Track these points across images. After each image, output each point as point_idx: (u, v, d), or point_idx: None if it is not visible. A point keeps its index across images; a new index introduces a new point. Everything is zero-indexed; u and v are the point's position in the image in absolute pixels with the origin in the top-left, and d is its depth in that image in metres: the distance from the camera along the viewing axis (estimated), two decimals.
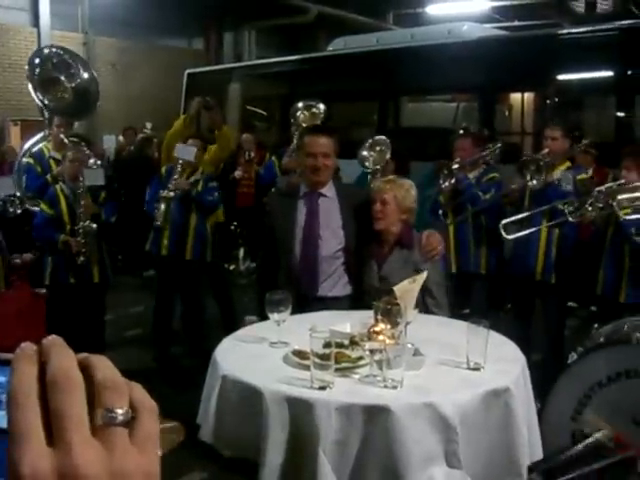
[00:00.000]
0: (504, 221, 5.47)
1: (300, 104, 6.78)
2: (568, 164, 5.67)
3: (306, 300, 3.86)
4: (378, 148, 6.48)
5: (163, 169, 6.50)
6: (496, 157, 6.54)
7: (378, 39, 11.41)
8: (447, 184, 5.93)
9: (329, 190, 4.15)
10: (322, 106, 6.77)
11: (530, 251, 5.57)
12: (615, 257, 5.14)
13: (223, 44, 18.91)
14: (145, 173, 8.38)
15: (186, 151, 6.20)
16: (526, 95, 10.35)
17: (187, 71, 13.88)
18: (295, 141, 6.55)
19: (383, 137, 6.63)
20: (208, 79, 13.96)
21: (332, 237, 4.05)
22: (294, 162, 6.59)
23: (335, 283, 4.05)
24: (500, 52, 9.24)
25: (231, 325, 6.42)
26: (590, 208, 4.93)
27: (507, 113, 10.87)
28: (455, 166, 5.96)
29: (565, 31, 9.61)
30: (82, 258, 5.76)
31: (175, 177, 6.17)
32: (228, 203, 8.06)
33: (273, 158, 8.55)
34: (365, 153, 6.52)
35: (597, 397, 3.63)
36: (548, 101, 9.78)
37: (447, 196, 6.09)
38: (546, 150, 5.55)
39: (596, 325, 4.08)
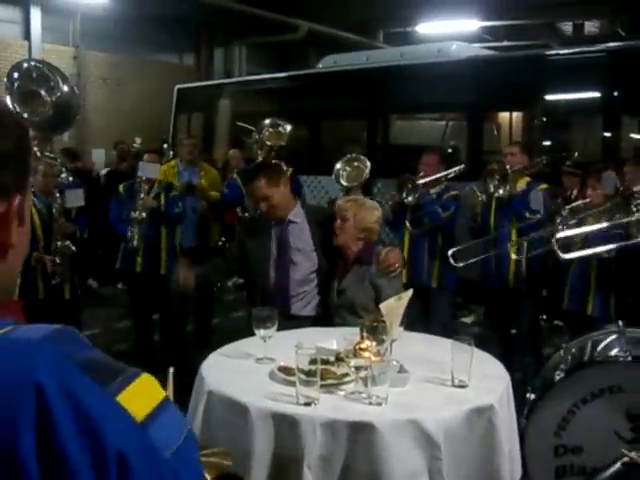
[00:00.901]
0: (453, 249, 5.60)
1: (267, 121, 6.79)
2: (527, 179, 5.89)
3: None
4: (355, 164, 6.53)
5: (121, 187, 6.54)
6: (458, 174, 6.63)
7: (368, 57, 11.46)
8: (410, 198, 6.02)
9: (297, 215, 4.24)
10: (288, 127, 6.79)
11: (502, 262, 5.73)
12: (582, 271, 5.30)
13: (214, 60, 18.96)
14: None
15: (150, 169, 6.26)
16: (514, 114, 10.43)
17: (177, 86, 13.91)
18: (260, 159, 6.53)
19: (362, 156, 6.72)
20: (198, 94, 14.01)
21: (305, 260, 4.16)
22: None
23: (307, 303, 4.16)
24: (489, 72, 9.30)
25: (205, 340, 6.47)
26: (560, 227, 5.00)
27: (495, 132, 10.94)
28: (420, 181, 6.08)
29: (553, 52, 9.70)
30: (57, 279, 5.65)
31: (141, 197, 6.22)
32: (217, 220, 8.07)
33: (235, 176, 8.34)
34: (339, 167, 6.58)
35: (581, 413, 3.67)
36: (536, 121, 9.86)
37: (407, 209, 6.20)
38: (507, 165, 5.80)
39: (564, 345, 4.13)
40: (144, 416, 0.87)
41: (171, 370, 1.97)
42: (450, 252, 5.53)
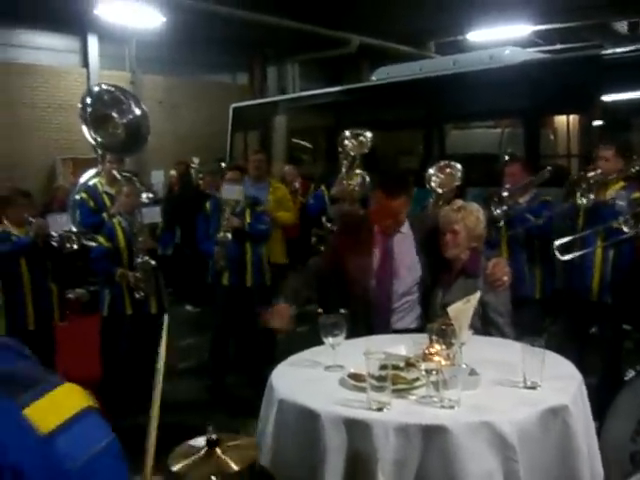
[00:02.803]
0: (557, 242, 5.39)
1: (347, 133, 6.85)
2: (622, 184, 5.54)
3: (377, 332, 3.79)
4: (448, 171, 6.46)
5: (207, 205, 6.65)
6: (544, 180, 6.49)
7: (421, 67, 11.46)
8: (499, 211, 5.89)
9: (404, 226, 4.06)
10: (369, 134, 6.82)
11: (586, 272, 5.48)
12: None
13: (267, 78, 19.14)
14: (196, 205, 8.57)
15: (232, 191, 6.35)
16: (571, 118, 10.28)
17: (232, 105, 14.08)
18: (344, 169, 6.61)
19: (456, 163, 6.60)
20: (253, 113, 14.16)
21: (408, 274, 3.97)
22: (344, 191, 6.66)
23: (405, 315, 3.98)
24: (544, 75, 9.21)
25: (270, 355, 6.53)
26: None
27: (552, 137, 10.80)
28: (505, 193, 5.93)
29: (609, 52, 9.55)
30: (141, 293, 5.88)
31: (226, 217, 6.33)
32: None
33: (322, 187, 8.60)
34: (432, 172, 6.50)
35: None
36: (594, 123, 9.70)
37: (500, 226, 6.02)
38: (598, 170, 5.46)
39: None
40: (52, 428, 0.86)
41: (166, 317, 2.02)
42: (556, 244, 5.33)
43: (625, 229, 5.00)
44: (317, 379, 2.97)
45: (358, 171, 6.94)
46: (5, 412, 0.85)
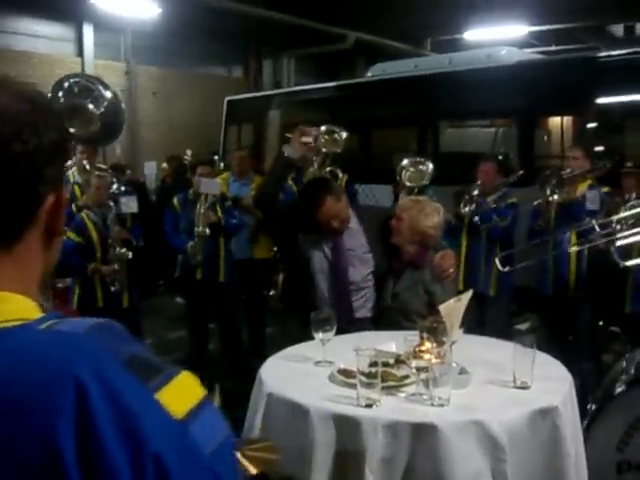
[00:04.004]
0: (500, 254, 5.52)
1: (323, 128, 6.78)
2: (589, 182, 5.77)
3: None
4: (420, 167, 6.47)
5: (175, 201, 6.62)
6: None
7: (417, 64, 11.44)
8: (467, 209, 6.01)
9: (351, 220, 4.19)
10: (344, 133, 6.77)
11: (562, 268, 5.65)
12: None
13: (262, 72, 19.11)
14: None
15: (211, 185, 6.32)
16: (565, 119, 10.29)
17: (227, 98, 14.03)
18: (315, 165, 6.51)
19: (428, 161, 6.64)
20: (248, 106, 14.11)
21: (360, 264, 4.11)
22: None
23: (364, 303, 4.11)
24: (540, 76, 9.21)
25: (259, 349, 6.51)
26: (618, 227, 4.87)
27: (546, 137, 10.81)
28: (475, 192, 6.05)
29: (604, 54, 9.56)
30: (117, 285, 5.79)
31: (201, 211, 6.30)
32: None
33: (290, 182, 8.50)
34: (405, 164, 6.51)
35: None
36: (588, 124, 9.72)
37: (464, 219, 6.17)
38: (568, 170, 5.70)
39: (627, 354, 3.98)
40: (184, 414, 0.86)
41: (217, 387, 2.00)
42: (498, 257, 5.46)
43: (596, 227, 5.10)
44: (306, 374, 2.96)
45: (329, 168, 6.88)
46: (141, 394, 0.85)
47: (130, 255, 5.84)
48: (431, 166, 6.55)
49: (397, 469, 2.43)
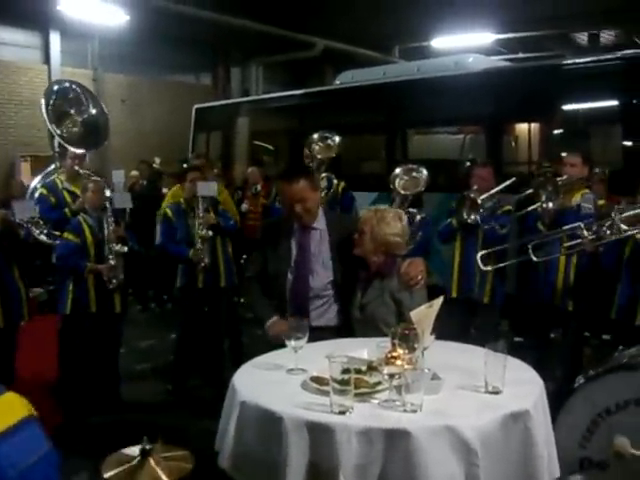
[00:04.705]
0: (481, 252, 5.49)
1: (315, 135, 6.80)
2: (585, 191, 5.64)
3: None
4: (414, 175, 6.46)
5: (169, 211, 6.61)
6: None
7: (385, 72, 11.49)
8: (472, 218, 5.94)
9: (320, 222, 4.16)
10: (337, 138, 6.79)
11: (549, 277, 5.56)
12: (632, 279, 5.07)
13: (231, 79, 19.09)
14: (156, 207, 8.55)
15: (208, 188, 6.31)
16: (532, 125, 10.40)
17: (195, 106, 14.01)
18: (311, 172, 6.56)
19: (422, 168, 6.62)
20: (216, 114, 14.10)
21: (322, 270, 4.06)
22: None
23: (324, 312, 4.05)
24: (507, 83, 9.30)
25: (238, 357, 6.48)
26: (609, 232, 4.86)
27: (514, 143, 10.91)
28: (480, 198, 5.97)
29: (570, 61, 9.68)
30: (114, 282, 5.81)
31: (201, 215, 6.31)
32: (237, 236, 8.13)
33: None
34: (398, 172, 6.49)
35: (605, 425, 3.55)
36: (554, 131, 9.82)
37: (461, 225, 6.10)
38: (564, 176, 5.58)
39: (620, 347, 4.00)
40: None
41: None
42: (479, 255, 5.41)
43: (585, 233, 5.06)
44: (279, 382, 2.95)
45: (324, 174, 6.93)
46: None
47: (126, 249, 5.88)
48: (425, 172, 6.54)
49: (371, 475, 2.43)
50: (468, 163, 10.00)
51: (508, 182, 6.28)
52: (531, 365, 3.14)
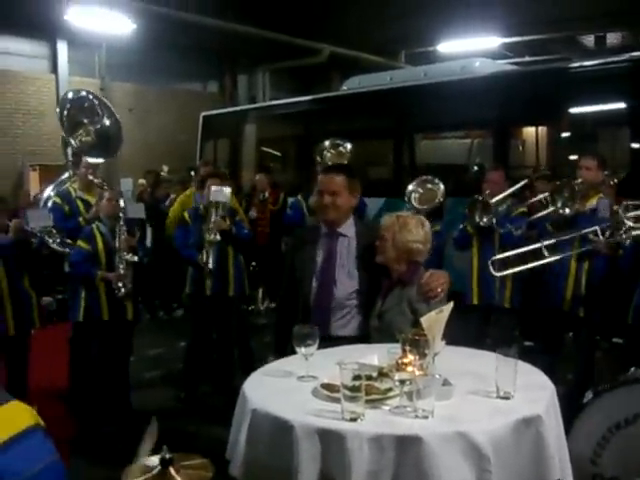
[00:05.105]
0: (494, 257, 5.45)
1: (327, 143, 6.78)
2: (600, 195, 5.59)
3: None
4: (429, 187, 6.43)
5: (186, 214, 6.63)
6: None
7: (392, 77, 11.52)
8: (485, 220, 5.92)
9: (349, 229, 4.11)
10: (349, 145, 6.77)
11: (559, 283, 5.52)
12: None
13: (237, 86, 19.13)
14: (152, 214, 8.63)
15: (221, 193, 6.32)
16: (540, 129, 10.40)
17: (203, 114, 14.05)
18: None
19: (436, 178, 6.60)
20: (223, 121, 14.14)
21: (347, 279, 4.00)
22: None
23: (347, 323, 4.00)
24: (514, 87, 9.31)
25: (249, 365, 6.47)
26: (624, 235, 4.81)
27: (521, 147, 10.91)
28: (492, 201, 5.96)
29: (577, 64, 9.68)
30: (123, 290, 5.80)
31: (213, 220, 6.28)
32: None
33: (299, 197, 8.65)
34: (412, 188, 6.46)
35: (616, 440, 3.52)
36: (561, 134, 9.82)
37: (476, 230, 6.08)
38: (579, 180, 5.49)
39: (633, 368, 3.92)
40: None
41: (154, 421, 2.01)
42: (491, 261, 5.37)
43: (600, 237, 5.01)
44: (290, 389, 2.95)
45: None
46: None
47: (136, 259, 5.90)
48: (442, 185, 6.50)
49: None
50: (476, 167, 10.00)
51: (521, 184, 6.27)
52: (542, 369, 3.13)
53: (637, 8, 13.61)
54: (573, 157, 9.50)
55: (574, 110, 9.42)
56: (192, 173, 11.65)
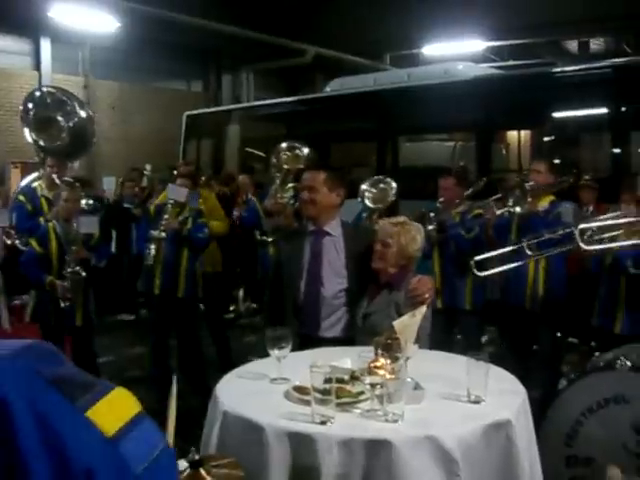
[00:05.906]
0: (477, 257, 5.50)
1: (284, 145, 6.75)
2: (552, 198, 5.76)
3: (308, 340, 3.81)
4: (382, 186, 6.48)
5: (152, 208, 6.57)
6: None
7: (375, 79, 11.54)
8: (431, 227, 6.00)
9: (335, 229, 4.12)
10: (306, 150, 6.74)
11: (520, 281, 5.64)
12: (611, 288, 5.18)
13: (222, 86, 19.10)
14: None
15: (177, 192, 6.25)
16: (522, 133, 10.44)
17: (186, 113, 14.01)
18: (277, 182, 6.40)
19: (388, 178, 6.67)
20: (207, 121, 14.11)
21: (334, 277, 4.01)
22: (276, 205, 6.22)
23: (335, 323, 4.00)
24: (497, 91, 9.34)
25: (228, 365, 6.44)
26: (596, 237, 4.87)
27: (504, 151, 10.95)
28: (435, 211, 6.13)
29: (560, 69, 9.73)
30: (66, 303, 5.62)
31: (166, 217, 6.20)
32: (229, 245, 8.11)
33: (254, 199, 8.66)
34: (365, 187, 6.51)
35: (589, 422, 3.66)
36: (544, 138, 9.86)
37: (433, 236, 6.14)
38: (531, 182, 5.66)
39: (597, 353, 4.10)
40: (115, 431, 0.87)
41: (174, 381, 1.98)
42: (472, 262, 5.42)
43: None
44: (262, 391, 2.94)
45: (291, 184, 6.82)
46: (71, 415, 0.85)
47: (84, 275, 5.67)
48: (393, 183, 6.57)
49: None
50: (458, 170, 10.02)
51: (473, 189, 6.34)
52: (515, 373, 3.14)
53: (621, 14, 13.70)
54: (556, 161, 9.58)
55: (556, 114, 9.48)
56: (174, 172, 11.62)
